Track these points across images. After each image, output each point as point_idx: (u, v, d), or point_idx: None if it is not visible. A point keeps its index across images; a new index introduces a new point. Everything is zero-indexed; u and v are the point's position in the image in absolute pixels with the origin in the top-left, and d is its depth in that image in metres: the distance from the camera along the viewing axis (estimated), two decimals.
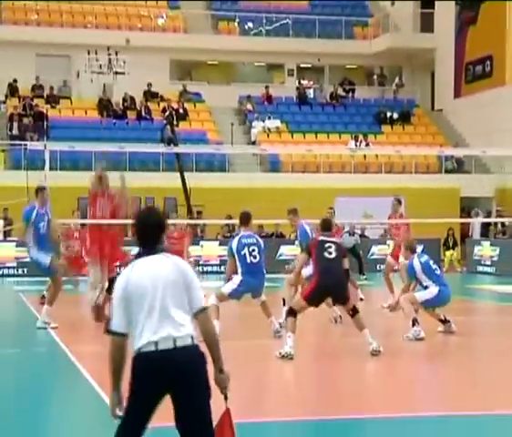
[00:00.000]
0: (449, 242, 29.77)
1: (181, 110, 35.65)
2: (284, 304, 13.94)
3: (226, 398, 5.24)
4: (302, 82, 40.42)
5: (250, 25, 40.50)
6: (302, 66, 41.50)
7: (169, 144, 25.02)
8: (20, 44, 35.41)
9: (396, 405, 8.80)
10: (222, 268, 24.69)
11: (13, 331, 14.71)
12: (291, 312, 11.38)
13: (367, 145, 34.68)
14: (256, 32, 40.37)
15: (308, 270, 12.95)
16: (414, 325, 12.70)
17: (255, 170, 32.72)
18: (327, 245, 11.40)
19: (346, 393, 9.42)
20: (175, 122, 34.08)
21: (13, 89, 35.36)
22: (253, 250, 12.33)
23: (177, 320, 5.06)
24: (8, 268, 26.50)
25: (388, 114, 38.29)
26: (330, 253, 11.32)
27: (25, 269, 25.08)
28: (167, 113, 34.25)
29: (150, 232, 5.28)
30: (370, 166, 34.12)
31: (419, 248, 13.91)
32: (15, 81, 35.26)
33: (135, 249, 5.46)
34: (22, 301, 19.14)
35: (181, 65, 40.73)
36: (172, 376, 4.97)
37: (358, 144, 34.28)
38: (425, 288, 12.99)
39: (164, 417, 5.21)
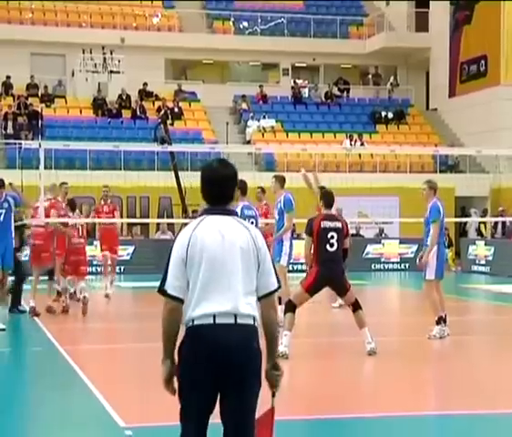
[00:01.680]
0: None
1: (176, 109, 35.61)
2: (280, 302, 13.87)
3: (274, 395, 4.71)
4: (296, 81, 40.39)
5: (245, 24, 40.48)
6: (296, 65, 41.49)
7: (163, 143, 24.94)
8: (15, 43, 35.31)
9: (391, 404, 8.79)
10: None
11: (8, 331, 14.66)
12: (291, 307, 11.13)
13: (362, 144, 34.66)
14: (251, 31, 40.35)
15: (285, 260, 13.72)
16: (439, 323, 12.62)
17: (250, 169, 32.69)
18: (329, 235, 11.11)
19: (341, 392, 9.40)
20: (170, 121, 34.04)
21: (7, 87, 35.28)
22: (252, 223, 12.27)
23: (242, 296, 4.48)
24: None
25: (383, 113, 38.28)
26: (331, 245, 11.09)
27: None
28: (161, 112, 34.19)
29: (221, 186, 4.63)
30: (365, 165, 34.12)
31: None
32: (9, 77, 35.14)
33: None
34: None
35: (176, 64, 40.69)
36: (227, 354, 4.40)
37: (353, 143, 34.26)
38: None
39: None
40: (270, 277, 4.60)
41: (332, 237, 11.13)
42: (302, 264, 22.17)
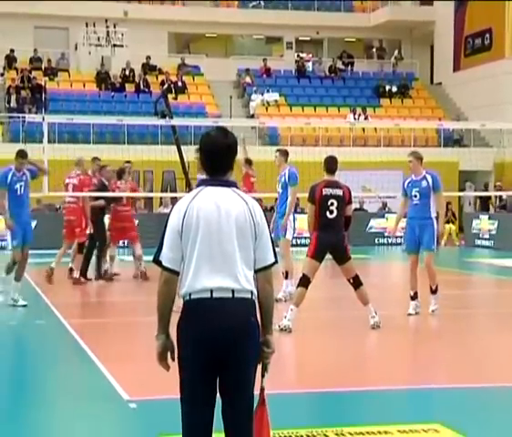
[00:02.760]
0: (448, 216, 29.79)
1: (180, 83, 35.54)
2: (287, 277, 13.87)
3: (266, 370, 4.64)
4: (300, 55, 40.27)
5: None
6: (300, 38, 41.35)
7: (163, 117, 24.85)
8: (18, 16, 35.23)
9: (395, 378, 8.82)
10: None
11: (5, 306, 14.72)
12: (304, 282, 11.07)
13: (366, 118, 34.59)
14: (255, 4, 40.19)
15: (290, 234, 13.82)
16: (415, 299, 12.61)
17: (254, 143, 32.65)
18: (330, 202, 11.10)
19: (343, 366, 9.44)
20: (173, 95, 33.98)
21: (10, 61, 35.21)
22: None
23: (239, 269, 4.41)
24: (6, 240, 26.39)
25: (387, 87, 38.18)
26: (331, 212, 11.10)
27: None
28: (165, 86, 34.12)
29: (220, 156, 4.53)
30: (369, 139, 34.06)
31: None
32: (12, 51, 35.06)
33: None
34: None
35: (180, 37, 40.57)
36: (225, 328, 4.35)
37: (357, 117, 34.20)
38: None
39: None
40: (267, 251, 4.53)
41: (332, 204, 11.12)
42: (305, 238, 22.21)
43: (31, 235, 13.55)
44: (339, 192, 11.22)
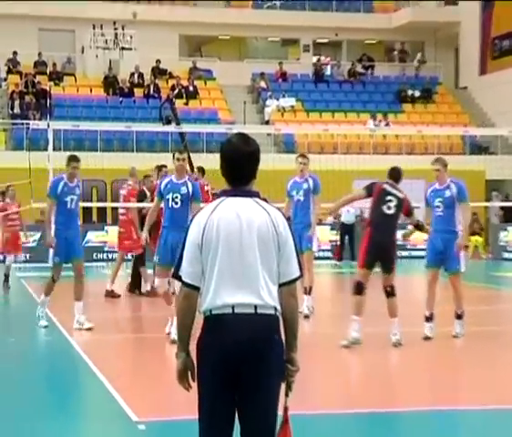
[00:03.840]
0: (473, 227, 29.70)
1: (191, 88, 35.64)
2: (309, 293, 13.77)
3: (290, 389, 4.58)
4: (318, 58, 40.31)
5: None
6: (318, 41, 41.38)
7: (168, 123, 24.88)
8: (22, 17, 35.42)
9: (424, 399, 8.80)
10: None
11: (14, 321, 14.77)
12: (359, 288, 11.12)
13: (387, 124, 34.56)
14: (270, 5, 40.27)
15: (315, 245, 13.90)
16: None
17: (269, 151, 32.66)
18: (389, 198, 11.22)
19: (369, 386, 9.41)
20: (185, 100, 34.09)
21: (14, 65, 35.37)
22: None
23: (262, 284, 4.39)
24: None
25: (409, 92, 38.15)
26: (389, 208, 11.18)
27: (28, 255, 25.15)
28: (175, 91, 34.24)
29: (241, 165, 4.51)
30: (390, 147, 34.02)
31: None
32: (15, 53, 35.22)
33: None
34: (24, 289, 19.21)
35: (191, 40, 40.68)
36: (247, 345, 4.33)
37: (377, 123, 34.18)
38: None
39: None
40: (291, 264, 4.50)
41: (391, 201, 11.23)
42: (323, 250, 22.21)
43: (80, 249, 13.07)
44: (400, 194, 11.35)
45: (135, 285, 17.16)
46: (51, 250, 12.81)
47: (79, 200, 12.94)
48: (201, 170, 18.19)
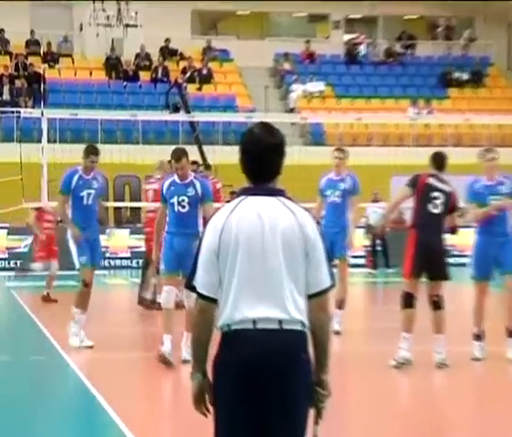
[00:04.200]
0: None
1: (205, 71, 35.68)
2: (341, 307, 13.69)
3: (320, 417, 4.51)
4: (350, 36, 40.28)
5: None
6: (350, 17, 41.35)
7: (176, 111, 24.95)
8: None
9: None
10: None
11: (5, 336, 14.84)
12: (409, 300, 11.08)
13: (430, 112, 34.48)
14: None
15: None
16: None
17: (294, 143, 32.66)
18: (435, 194, 11.17)
19: (408, 414, 9.38)
20: (198, 85, 34.16)
21: (3, 44, 35.47)
22: None
23: (287, 296, 4.35)
24: None
25: (456, 74, 38.07)
26: (435, 206, 11.14)
27: (19, 262, 25.25)
28: (187, 74, 34.30)
29: (264, 159, 4.49)
30: (433, 138, 33.94)
31: None
32: (2, 31, 35.25)
33: None
34: (14, 300, 19.29)
35: (205, 16, 40.73)
36: (270, 365, 4.29)
37: (419, 111, 34.11)
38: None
39: None
40: (320, 271, 4.44)
41: (437, 198, 11.16)
42: (356, 257, 22.15)
43: (100, 254, 13.05)
44: (447, 188, 11.25)
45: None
46: (73, 251, 12.53)
47: (98, 196, 12.87)
48: (208, 166, 18.35)
